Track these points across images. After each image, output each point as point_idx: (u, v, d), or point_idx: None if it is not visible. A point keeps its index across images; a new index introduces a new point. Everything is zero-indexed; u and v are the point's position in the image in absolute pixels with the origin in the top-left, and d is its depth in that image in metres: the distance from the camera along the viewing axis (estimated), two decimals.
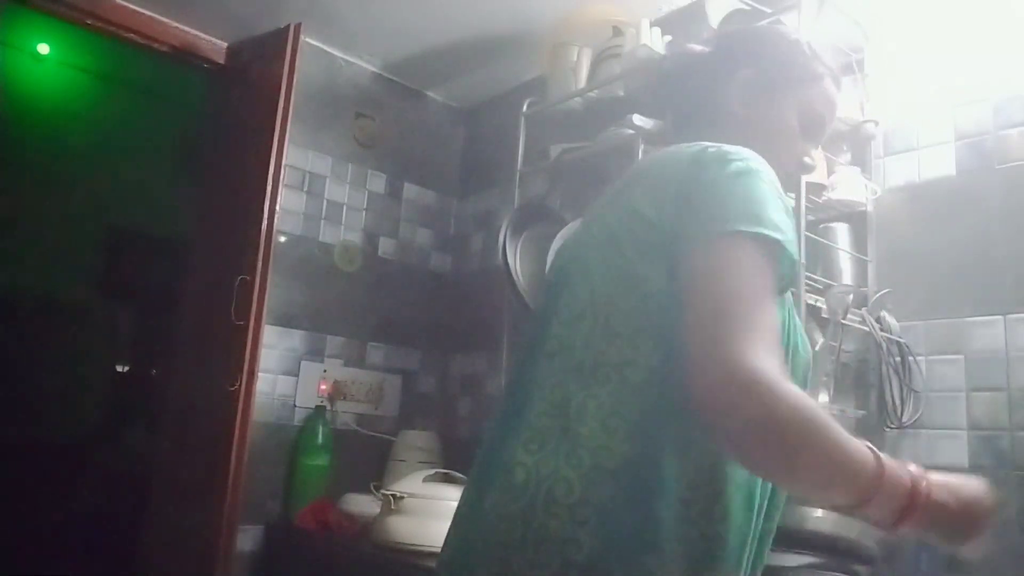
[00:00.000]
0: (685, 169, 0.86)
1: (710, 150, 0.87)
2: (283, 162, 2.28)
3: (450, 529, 0.90)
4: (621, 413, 0.80)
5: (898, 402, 1.61)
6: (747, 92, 1.01)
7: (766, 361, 0.70)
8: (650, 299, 0.83)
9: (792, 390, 0.70)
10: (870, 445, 0.74)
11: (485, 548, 0.82)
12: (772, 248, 0.78)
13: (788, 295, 0.92)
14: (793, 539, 1.02)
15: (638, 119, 1.96)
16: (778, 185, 0.85)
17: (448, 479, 2.01)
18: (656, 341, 0.81)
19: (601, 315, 0.84)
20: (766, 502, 0.89)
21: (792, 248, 0.80)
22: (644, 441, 0.79)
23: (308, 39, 2.44)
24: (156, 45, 2.46)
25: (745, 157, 0.85)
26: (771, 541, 0.94)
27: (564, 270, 0.92)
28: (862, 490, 0.72)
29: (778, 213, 0.81)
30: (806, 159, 1.04)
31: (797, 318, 0.98)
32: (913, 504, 0.73)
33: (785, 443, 0.70)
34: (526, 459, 0.82)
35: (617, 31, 2.13)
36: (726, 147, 0.86)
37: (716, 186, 0.82)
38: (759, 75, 1.01)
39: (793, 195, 1.55)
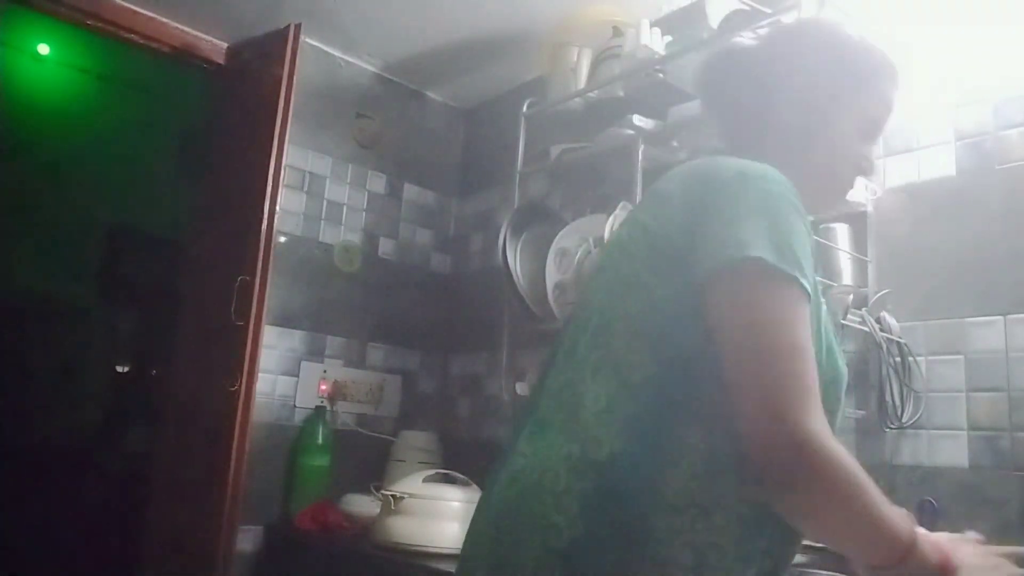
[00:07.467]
0: (697, 183, 0.86)
1: (730, 167, 0.85)
2: (283, 162, 2.28)
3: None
4: (616, 410, 0.81)
5: (898, 402, 1.61)
6: (804, 105, 0.97)
7: (819, 424, 0.74)
8: (653, 306, 0.84)
9: (847, 461, 0.75)
10: (906, 519, 0.80)
11: (485, 533, 0.86)
12: (797, 284, 0.78)
13: (818, 308, 0.89)
14: None
15: (638, 119, 1.96)
16: (800, 207, 0.83)
17: (448, 479, 2.00)
18: (657, 346, 0.82)
19: (607, 319, 0.87)
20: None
21: (810, 289, 0.79)
22: (637, 440, 0.80)
23: (308, 39, 2.44)
24: (156, 45, 2.46)
25: (768, 177, 0.83)
26: (795, 551, 0.90)
27: (589, 281, 0.96)
28: (889, 558, 0.78)
29: (802, 246, 0.80)
30: (863, 163, 1.02)
31: (831, 334, 0.94)
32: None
33: (836, 513, 0.76)
34: (526, 449, 0.86)
35: (617, 31, 2.13)
36: (749, 165, 0.85)
37: (737, 206, 0.81)
38: (815, 84, 0.97)
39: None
